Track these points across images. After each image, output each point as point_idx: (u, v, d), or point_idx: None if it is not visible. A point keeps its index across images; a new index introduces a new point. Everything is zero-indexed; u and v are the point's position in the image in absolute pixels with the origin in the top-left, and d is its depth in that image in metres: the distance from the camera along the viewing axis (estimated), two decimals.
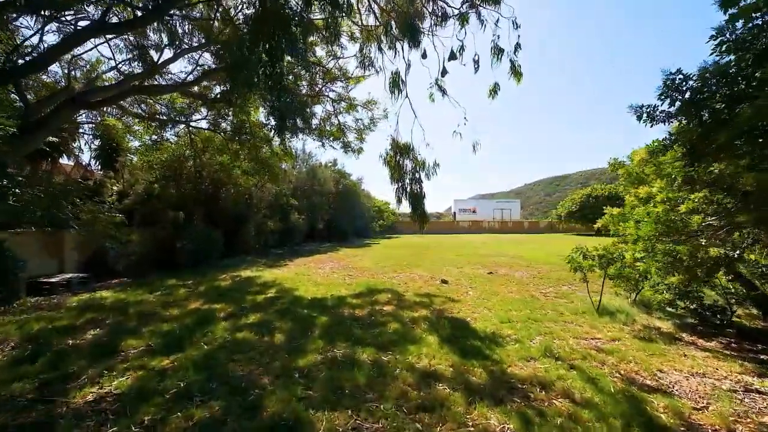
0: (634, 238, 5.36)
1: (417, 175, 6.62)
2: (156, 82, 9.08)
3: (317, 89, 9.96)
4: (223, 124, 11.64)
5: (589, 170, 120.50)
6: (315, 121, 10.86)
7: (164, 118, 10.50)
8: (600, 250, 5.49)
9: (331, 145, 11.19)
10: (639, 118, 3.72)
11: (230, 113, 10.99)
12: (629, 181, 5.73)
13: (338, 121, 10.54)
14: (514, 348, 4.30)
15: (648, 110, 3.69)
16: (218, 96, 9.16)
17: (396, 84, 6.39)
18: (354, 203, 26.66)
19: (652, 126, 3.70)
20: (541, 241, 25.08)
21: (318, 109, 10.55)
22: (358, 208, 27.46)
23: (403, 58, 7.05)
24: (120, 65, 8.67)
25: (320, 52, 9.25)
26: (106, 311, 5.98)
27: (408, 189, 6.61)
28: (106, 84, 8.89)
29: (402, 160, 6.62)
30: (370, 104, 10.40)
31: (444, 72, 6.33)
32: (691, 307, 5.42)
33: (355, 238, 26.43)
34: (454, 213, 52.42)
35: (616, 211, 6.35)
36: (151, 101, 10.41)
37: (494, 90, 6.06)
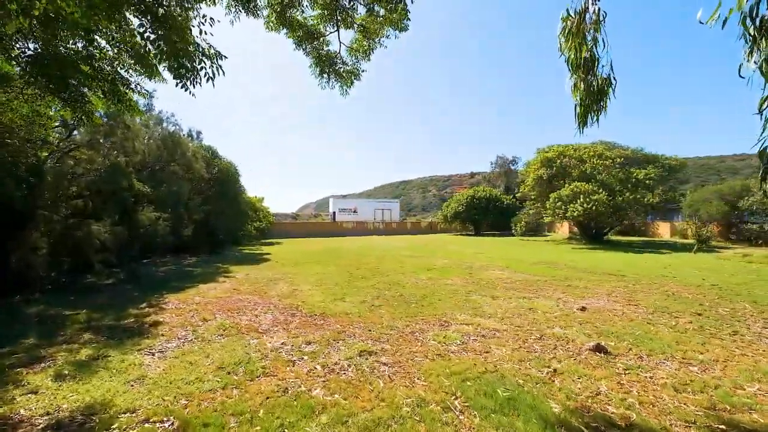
0: None
1: None
2: None
3: None
4: None
5: (427, 176, 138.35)
6: None
7: None
8: None
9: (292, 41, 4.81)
10: None
11: None
12: None
13: None
14: None
15: None
16: None
17: None
18: (234, 197, 18.47)
19: None
20: (471, 245, 22.56)
21: None
22: (238, 204, 19.27)
23: None
24: None
25: None
26: None
27: None
28: None
29: None
30: None
31: None
32: None
33: (231, 249, 18.20)
34: (334, 213, 47.50)
35: None
36: None
37: None
